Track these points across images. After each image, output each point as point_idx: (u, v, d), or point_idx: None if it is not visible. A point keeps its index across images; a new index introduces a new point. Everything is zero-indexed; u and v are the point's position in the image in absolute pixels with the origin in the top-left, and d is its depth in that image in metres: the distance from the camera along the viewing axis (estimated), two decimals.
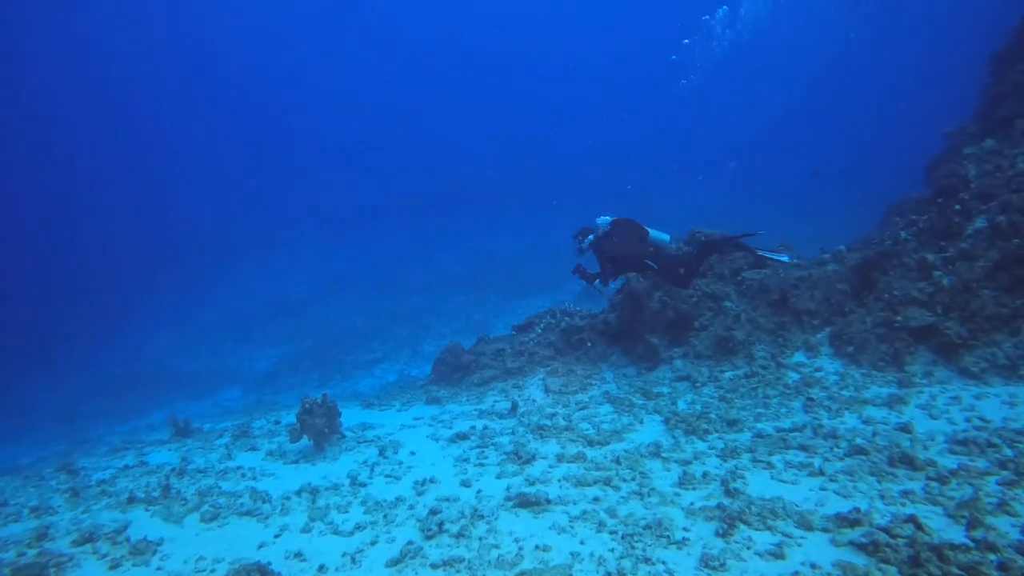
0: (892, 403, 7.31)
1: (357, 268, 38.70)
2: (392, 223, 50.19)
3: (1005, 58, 11.56)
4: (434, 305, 28.23)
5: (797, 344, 9.67)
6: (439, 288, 30.96)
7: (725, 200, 37.75)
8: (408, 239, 44.21)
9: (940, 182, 10.56)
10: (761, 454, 6.45)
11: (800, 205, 32.71)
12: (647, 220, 9.14)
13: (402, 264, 37.62)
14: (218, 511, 6.04)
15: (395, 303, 29.60)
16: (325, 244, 47.45)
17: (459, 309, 27.11)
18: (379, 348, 23.53)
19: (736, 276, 11.13)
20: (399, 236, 45.55)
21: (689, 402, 8.67)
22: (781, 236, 11.91)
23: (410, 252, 40.60)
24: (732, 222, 11.70)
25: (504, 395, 10.58)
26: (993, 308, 8.06)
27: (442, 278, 32.82)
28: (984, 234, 8.90)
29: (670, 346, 10.68)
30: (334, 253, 44.26)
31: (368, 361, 22.00)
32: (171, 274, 44.48)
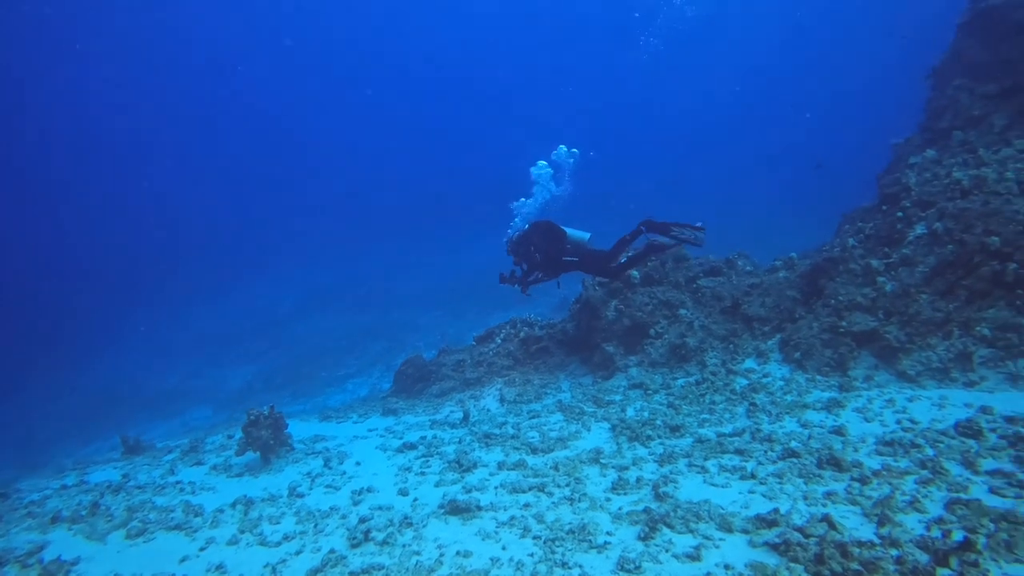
0: (831, 407, 7.39)
1: (337, 284, 38.60)
2: (373, 238, 50.06)
3: (943, 73, 11.82)
4: (411, 320, 28.20)
5: (748, 350, 9.77)
6: (418, 302, 30.93)
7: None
8: (389, 254, 44.12)
9: (885, 191, 10.75)
10: (697, 459, 6.50)
11: (767, 214, 32.96)
12: (568, 222, 9.22)
13: (383, 279, 37.58)
14: (146, 526, 6.00)
15: (373, 318, 29.54)
16: (306, 261, 47.26)
17: (436, 323, 27.09)
18: (353, 363, 23.47)
19: (692, 283, 11.25)
20: (380, 251, 45.44)
21: (638, 409, 8.72)
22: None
23: (391, 267, 40.56)
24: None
25: (460, 405, 10.59)
26: (929, 312, 8.20)
27: (421, 292, 32.80)
28: (923, 240, 9.07)
29: (626, 354, 10.74)
30: (315, 270, 44.11)
31: (341, 376, 21.93)
32: (149, 292, 44.16)
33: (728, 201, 39.63)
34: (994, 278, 7.99)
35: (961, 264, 8.41)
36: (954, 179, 9.42)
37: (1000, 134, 10.14)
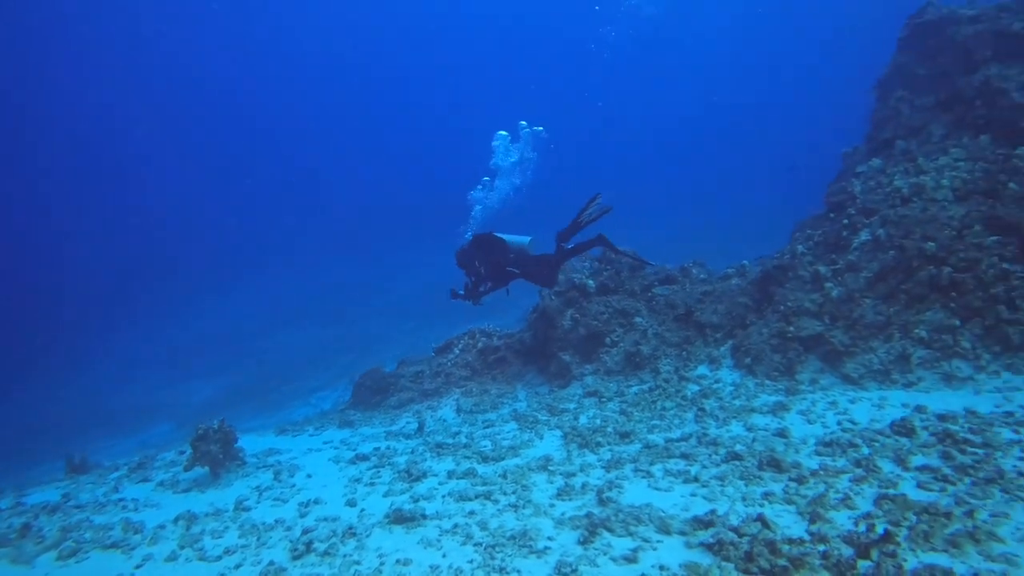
0: (776, 410, 7.53)
1: (309, 297, 38.13)
2: (346, 250, 49.44)
3: (886, 85, 12.17)
4: (383, 332, 27.93)
5: (701, 357, 9.91)
6: (390, 314, 30.64)
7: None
8: (362, 265, 43.67)
9: (832, 199, 11.01)
10: (643, 464, 6.57)
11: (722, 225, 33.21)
12: (510, 228, 9.28)
13: (356, 291, 37.16)
14: (80, 546, 5.86)
15: (344, 331, 29.20)
16: (277, 273, 46.50)
17: (407, 335, 26.88)
18: (320, 376, 23.18)
19: (647, 292, 11.37)
20: (353, 263, 44.94)
21: (591, 417, 8.78)
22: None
23: (363, 279, 40.13)
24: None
25: (417, 416, 10.56)
26: (872, 316, 8.40)
27: (393, 304, 32.53)
28: (867, 247, 9.30)
29: (582, 363, 10.81)
30: (287, 282, 43.48)
31: (307, 390, 21.64)
32: (115, 305, 43.08)
33: (695, 207, 39.99)
34: (931, 282, 8.22)
35: (901, 269, 8.65)
36: (895, 187, 9.69)
37: (938, 143, 10.44)
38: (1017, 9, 10.66)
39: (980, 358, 7.55)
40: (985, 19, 10.89)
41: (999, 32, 10.58)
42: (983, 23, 10.85)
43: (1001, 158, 9.02)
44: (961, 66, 10.89)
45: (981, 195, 8.87)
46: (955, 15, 11.22)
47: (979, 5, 11.26)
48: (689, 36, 69.42)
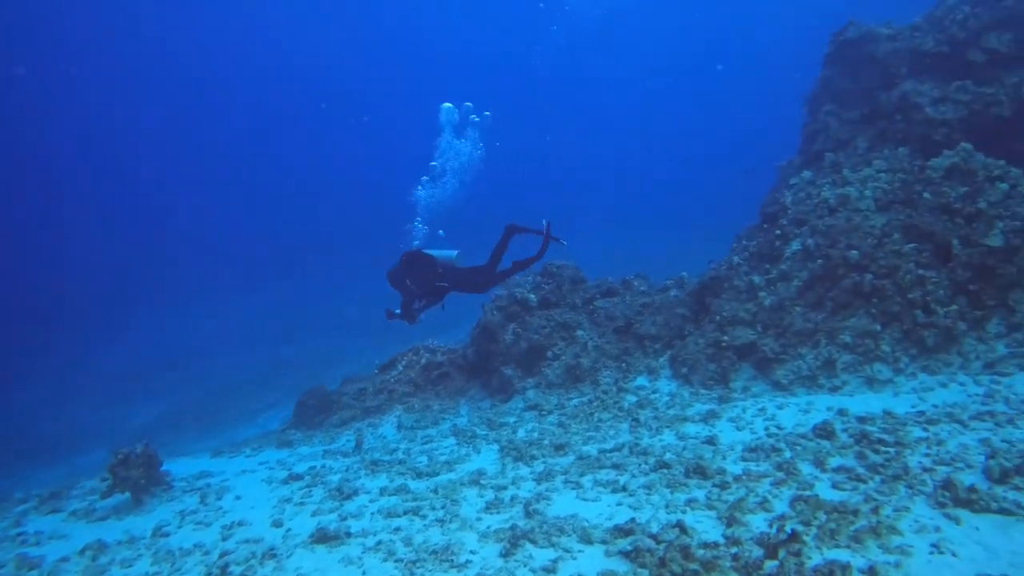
0: (708, 418, 7.63)
1: (260, 314, 37.33)
2: (299, 266, 48.41)
3: (816, 99, 12.57)
4: (335, 349, 27.49)
5: (640, 368, 10.00)
6: (343, 332, 30.22)
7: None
8: (316, 281, 42.90)
9: (766, 210, 11.28)
10: (573, 475, 6.57)
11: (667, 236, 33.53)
12: (442, 244, 9.33)
13: (309, 308, 36.52)
14: None
15: (296, 349, 28.67)
16: (228, 289, 45.27)
17: (360, 352, 26.50)
18: (269, 396, 22.68)
19: (589, 305, 11.47)
20: (307, 279, 44.12)
21: (529, 430, 8.77)
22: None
23: (318, 294, 39.47)
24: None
25: (358, 434, 10.41)
26: (801, 324, 8.60)
27: (346, 322, 32.07)
28: (798, 256, 9.52)
29: (524, 376, 10.81)
30: (237, 298, 42.44)
31: (254, 411, 21.16)
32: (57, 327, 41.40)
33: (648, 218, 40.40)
34: (855, 289, 8.45)
35: (828, 277, 8.87)
36: (823, 198, 9.96)
37: (864, 155, 10.80)
38: (928, 28, 11.14)
39: (899, 361, 7.79)
40: (901, 38, 11.36)
41: (913, 50, 11.05)
42: (899, 41, 11.32)
43: (917, 169, 9.36)
44: (881, 82, 11.32)
45: (900, 204, 9.18)
46: (874, 33, 11.66)
47: (895, 24, 11.72)
48: (634, 40, 69.57)
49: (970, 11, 10.90)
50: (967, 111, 9.89)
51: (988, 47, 10.57)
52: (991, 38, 10.58)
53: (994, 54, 10.50)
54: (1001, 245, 8.03)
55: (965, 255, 8.16)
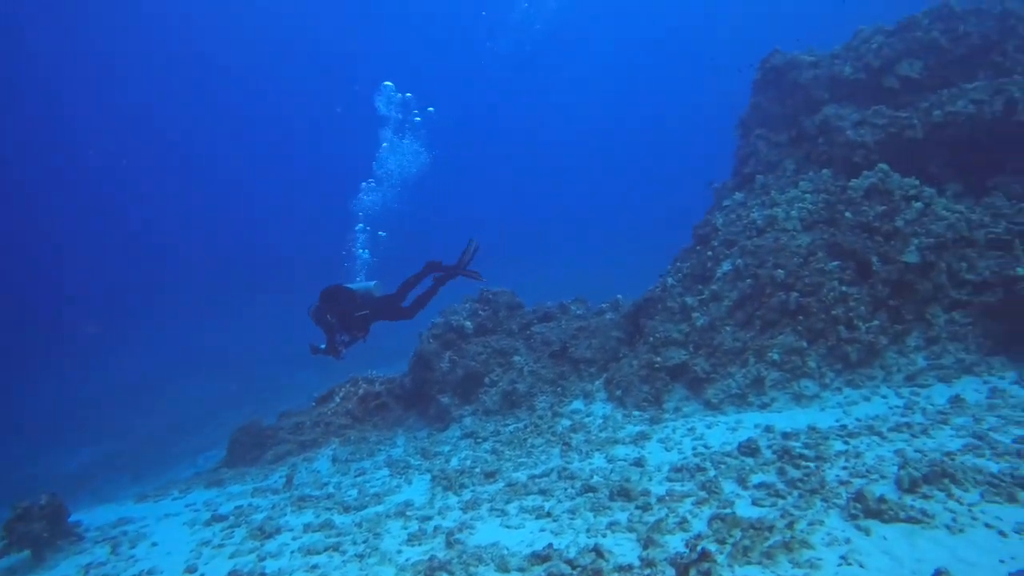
0: (638, 440, 7.60)
1: (204, 348, 36.26)
2: (245, 295, 47.05)
3: (747, 123, 12.88)
4: (281, 381, 26.89)
5: (576, 392, 9.96)
6: (292, 363, 29.52)
7: None
8: (262, 312, 41.85)
9: (698, 231, 11.45)
10: (499, 503, 6.46)
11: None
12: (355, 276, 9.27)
13: (255, 339, 35.60)
14: None
15: (240, 383, 27.94)
16: (170, 322, 43.75)
17: (304, 384, 25.93)
18: (211, 434, 21.94)
19: (526, 330, 11.42)
20: (253, 309, 43.03)
21: (463, 458, 8.62)
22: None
23: (264, 326, 38.49)
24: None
25: (292, 469, 10.11)
26: (730, 343, 8.67)
27: (292, 353, 31.26)
28: (729, 276, 9.64)
29: (461, 404, 10.68)
30: (181, 332, 41.08)
31: (194, 449, 20.46)
32: None
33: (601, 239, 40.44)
34: (781, 307, 8.57)
35: (756, 296, 8.99)
36: (752, 219, 10.15)
37: (791, 177, 11.06)
38: (847, 56, 11.55)
39: (825, 376, 7.90)
40: (822, 65, 11.74)
41: (833, 77, 11.43)
42: (820, 68, 11.70)
43: (839, 189, 9.61)
44: (805, 107, 11.66)
45: (824, 224, 9.39)
46: (797, 60, 12.03)
47: (817, 52, 12.12)
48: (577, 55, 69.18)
49: (884, 40, 11.34)
50: (884, 134, 10.20)
51: (901, 74, 10.99)
52: (904, 66, 11.01)
53: (907, 80, 10.92)
54: (917, 262, 8.25)
55: (884, 272, 8.35)
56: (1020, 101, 9.30)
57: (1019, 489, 4.47)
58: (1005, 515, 4.21)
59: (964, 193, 9.58)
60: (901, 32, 11.30)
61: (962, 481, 4.67)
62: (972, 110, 9.53)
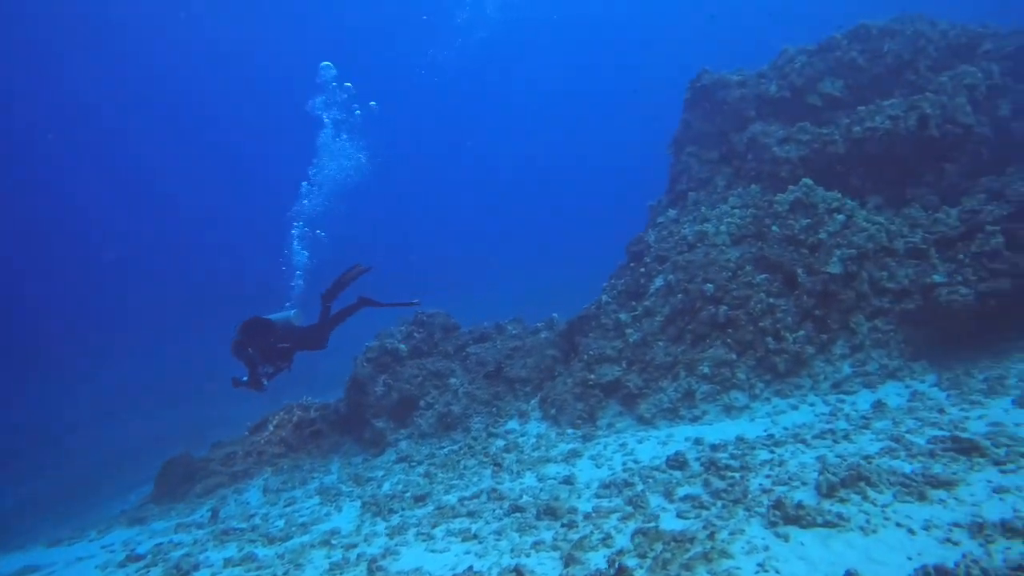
0: (569, 458, 7.50)
1: (141, 380, 34.89)
2: (185, 323, 45.17)
3: (680, 142, 13.08)
4: (221, 413, 26.01)
5: (511, 412, 9.84)
6: (228, 395, 28.55)
7: None
8: (204, 341, 40.21)
9: (632, 249, 11.52)
10: (426, 527, 6.27)
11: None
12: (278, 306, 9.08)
13: (195, 368, 34.34)
14: None
15: (179, 415, 26.95)
16: (108, 354, 41.81)
17: (245, 416, 25.16)
18: (145, 470, 21.00)
19: (461, 352, 11.28)
20: (192, 337, 41.46)
21: (395, 483, 8.40)
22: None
23: (203, 355, 37.07)
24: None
25: (221, 502, 9.72)
26: (662, 357, 8.69)
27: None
28: (661, 292, 9.69)
29: (397, 428, 10.46)
30: (117, 364, 39.41)
31: (127, 486, 19.59)
32: None
33: None
34: (711, 321, 8.63)
35: (687, 311, 9.05)
36: (682, 235, 10.25)
37: (722, 193, 11.24)
38: (772, 75, 11.87)
39: (754, 387, 7.96)
40: (749, 84, 12.03)
41: (759, 95, 11.72)
42: (747, 87, 11.98)
43: (766, 204, 9.78)
44: (734, 124, 11.90)
45: (752, 238, 9.53)
46: (725, 80, 12.30)
47: (745, 71, 12.42)
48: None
49: (807, 60, 11.70)
50: (808, 150, 10.46)
51: (824, 92, 11.34)
52: (826, 84, 11.36)
53: (829, 98, 11.27)
54: (840, 272, 8.42)
55: (809, 283, 8.50)
56: (931, 117, 9.64)
57: (929, 487, 4.50)
58: (915, 513, 4.23)
59: (884, 205, 9.86)
60: (822, 52, 11.67)
61: (877, 483, 4.69)
62: (888, 125, 9.83)
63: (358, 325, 10.69)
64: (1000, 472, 4.58)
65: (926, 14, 12.02)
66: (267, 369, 8.37)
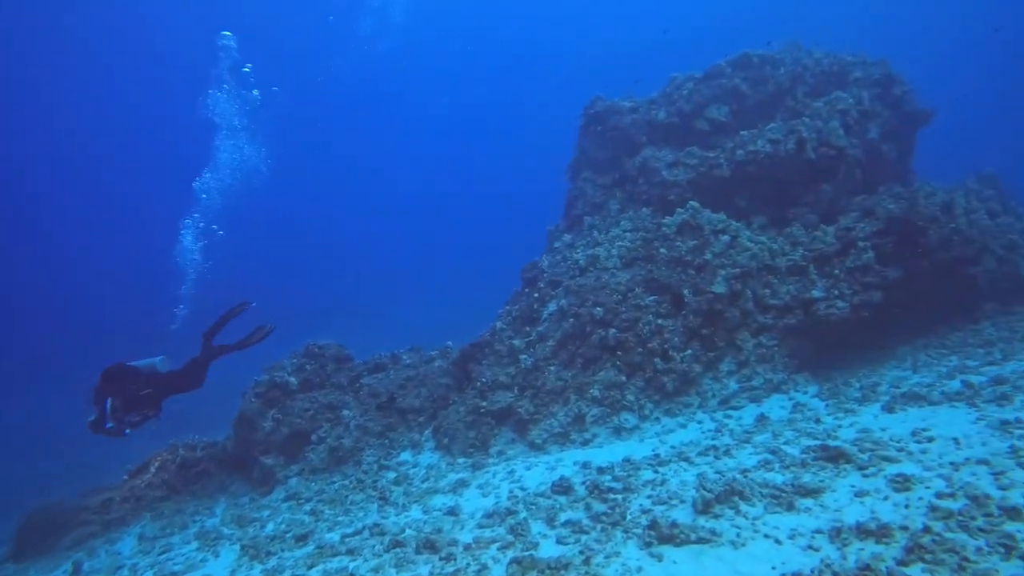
0: (457, 488, 7.23)
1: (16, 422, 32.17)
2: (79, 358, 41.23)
3: (576, 167, 13.21)
4: (114, 454, 24.25)
5: (404, 443, 9.50)
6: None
7: None
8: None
9: (526, 275, 11.47)
10: (302, 568, 5.87)
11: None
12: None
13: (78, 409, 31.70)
14: None
15: (59, 462, 24.97)
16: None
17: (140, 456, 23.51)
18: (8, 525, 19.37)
19: (355, 383, 10.87)
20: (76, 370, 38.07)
21: (279, 523, 7.89)
22: None
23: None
24: None
25: (90, 554, 8.93)
26: (553, 382, 8.56)
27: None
28: (554, 317, 9.61)
29: (288, 464, 9.90)
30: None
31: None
32: None
33: None
34: (601, 344, 8.60)
35: (578, 335, 8.99)
36: (575, 259, 10.25)
37: (615, 217, 11.35)
38: (662, 102, 12.17)
39: (644, 408, 7.94)
40: (640, 110, 12.29)
41: (649, 121, 11.98)
42: (639, 113, 12.24)
43: (655, 227, 9.92)
44: (626, 149, 12.10)
45: (642, 260, 9.62)
46: (617, 107, 12.54)
47: (636, 98, 12.70)
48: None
49: (694, 87, 12.06)
50: (695, 173, 10.72)
51: (710, 117, 11.69)
52: (712, 110, 11.73)
53: (716, 123, 11.62)
54: (725, 291, 8.56)
55: (695, 302, 8.60)
56: (808, 140, 10.05)
57: (798, 497, 4.50)
58: (783, 523, 4.21)
59: (769, 224, 10.17)
60: (708, 79, 12.06)
61: (750, 497, 4.65)
62: (769, 149, 10.20)
63: (251, 359, 10.17)
64: (863, 476, 4.62)
65: (803, 43, 12.66)
66: (132, 417, 7.81)
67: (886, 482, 4.41)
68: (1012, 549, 3.32)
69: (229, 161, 9.81)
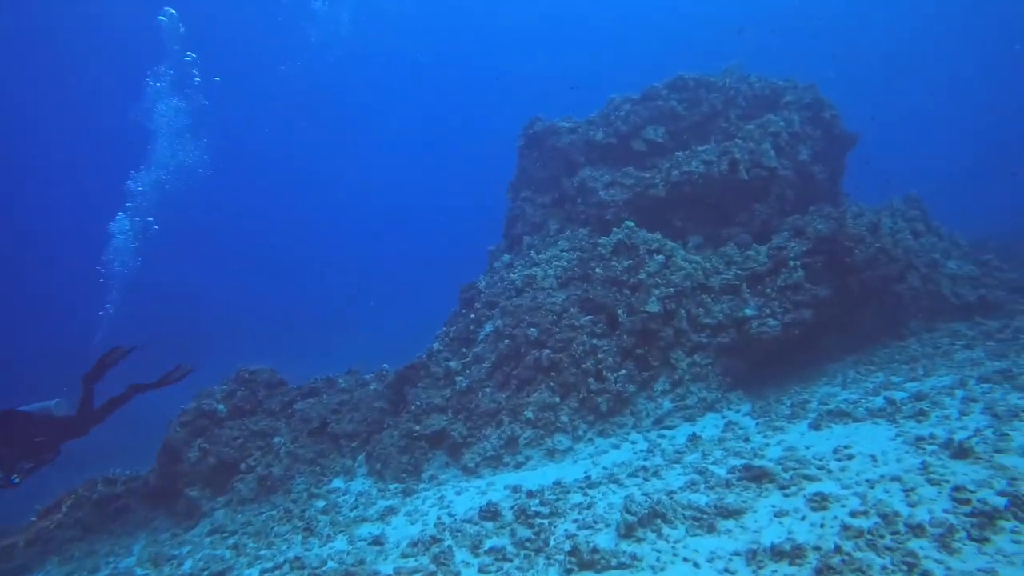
0: (385, 515, 6.95)
1: None
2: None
3: (516, 186, 13.16)
4: (31, 492, 22.94)
5: (337, 470, 9.16)
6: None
7: None
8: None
9: (464, 295, 11.30)
10: None
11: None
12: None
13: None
14: None
15: None
16: None
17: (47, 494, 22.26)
18: None
19: (287, 409, 10.49)
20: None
21: (197, 560, 7.47)
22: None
23: None
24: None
25: None
26: (487, 404, 8.38)
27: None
28: (490, 338, 9.46)
29: (214, 496, 9.44)
30: None
31: None
32: None
33: None
34: (536, 365, 8.46)
35: (513, 356, 8.84)
36: (511, 280, 10.13)
37: (554, 237, 11.30)
38: (600, 123, 12.22)
39: (577, 429, 7.81)
40: (578, 131, 12.32)
41: (588, 141, 12.01)
42: (577, 134, 12.26)
43: (592, 247, 9.88)
44: (565, 169, 12.10)
45: (579, 280, 9.56)
46: (556, 127, 12.55)
47: (575, 119, 12.74)
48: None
49: (631, 108, 12.13)
50: (632, 193, 10.75)
51: (647, 138, 11.76)
52: (648, 131, 11.80)
53: (652, 144, 11.69)
54: (659, 311, 8.52)
55: (629, 322, 8.54)
56: (741, 161, 10.18)
57: (720, 518, 4.40)
58: (703, 546, 4.10)
59: (705, 244, 10.24)
60: (645, 101, 12.15)
61: (672, 519, 4.53)
62: (703, 170, 10.29)
63: (180, 386, 9.74)
64: (783, 496, 4.56)
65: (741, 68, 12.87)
66: (25, 465, 7.36)
67: (805, 501, 4.35)
68: (914, 567, 3.28)
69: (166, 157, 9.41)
